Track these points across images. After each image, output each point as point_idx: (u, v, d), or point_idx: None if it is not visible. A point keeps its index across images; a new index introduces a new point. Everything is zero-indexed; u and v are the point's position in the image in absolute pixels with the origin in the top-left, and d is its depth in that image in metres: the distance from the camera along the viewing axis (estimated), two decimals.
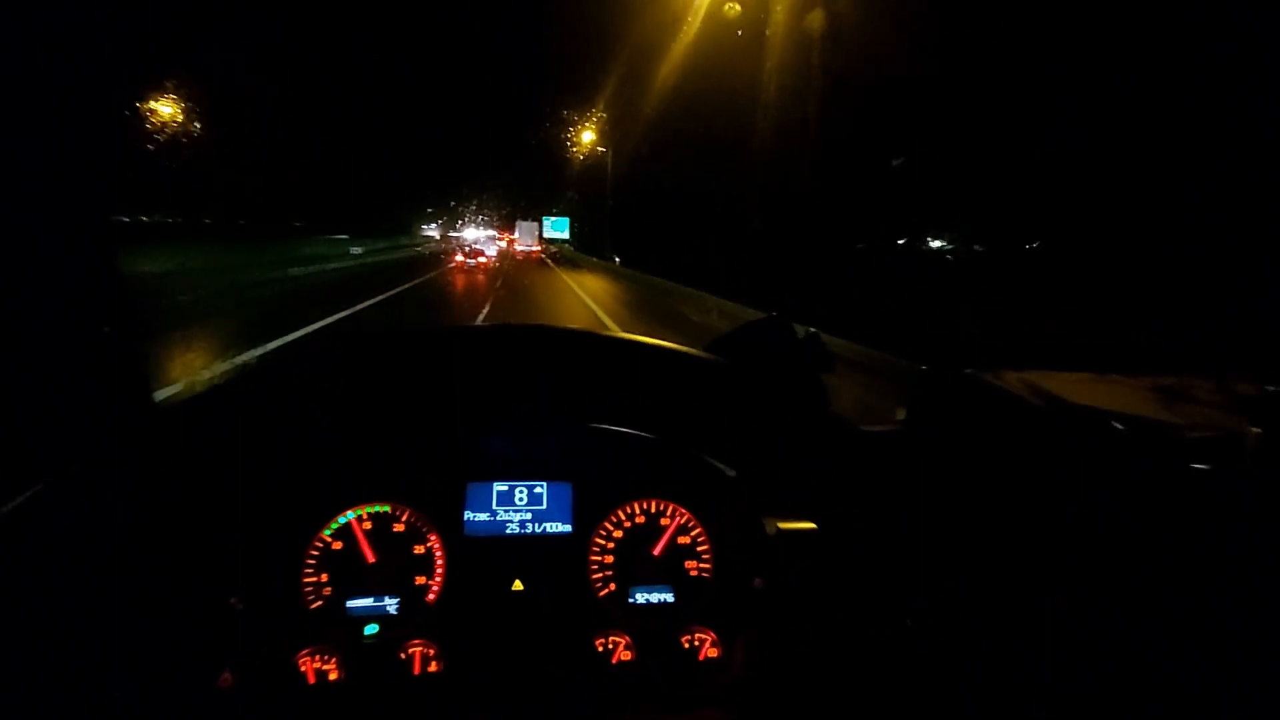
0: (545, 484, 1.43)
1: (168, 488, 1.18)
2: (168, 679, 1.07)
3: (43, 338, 1.11)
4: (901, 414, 1.52)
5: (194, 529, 1.18)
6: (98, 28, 1.07)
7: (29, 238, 1.06)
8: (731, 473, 1.45)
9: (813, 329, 1.36)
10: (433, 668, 1.27)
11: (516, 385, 1.49)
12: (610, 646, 1.34)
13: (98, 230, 1.16)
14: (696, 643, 1.37)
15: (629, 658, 1.34)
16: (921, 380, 1.51)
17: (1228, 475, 1.33)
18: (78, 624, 1.03)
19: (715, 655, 1.37)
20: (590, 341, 1.46)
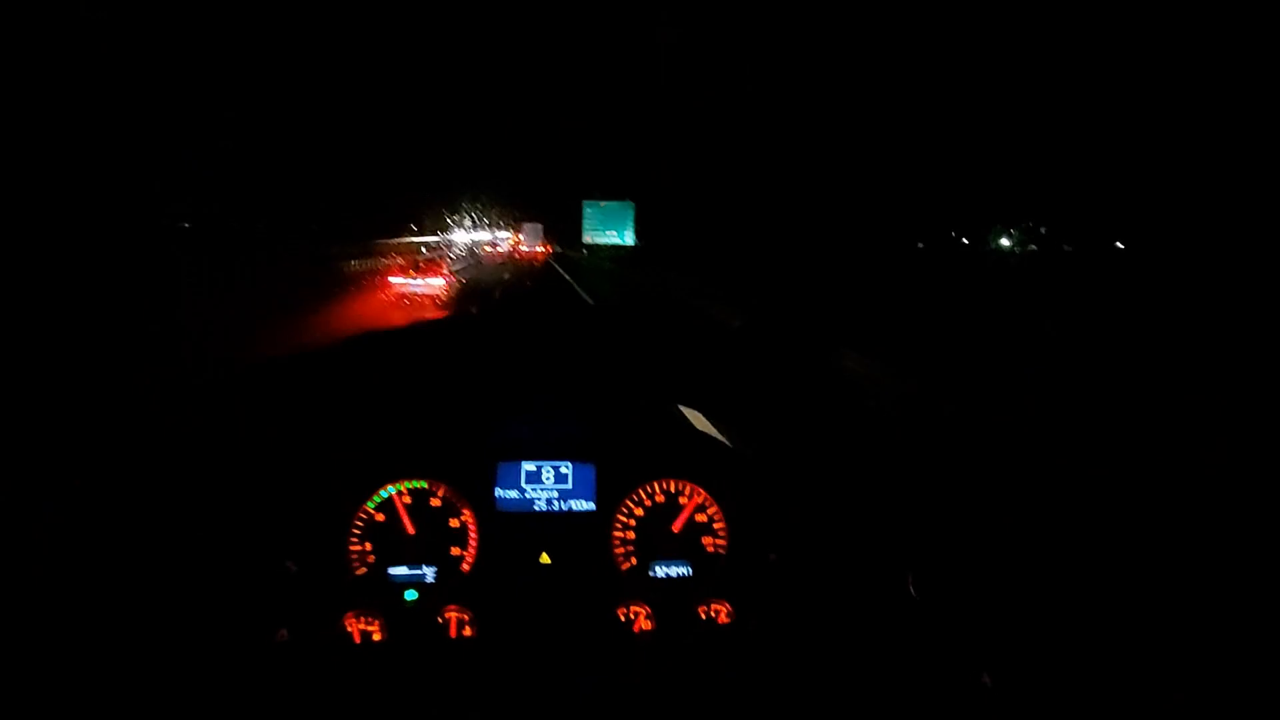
0: (571, 464, 1.52)
1: (227, 462, 1.29)
2: (231, 632, 1.18)
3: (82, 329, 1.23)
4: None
5: (253, 499, 1.29)
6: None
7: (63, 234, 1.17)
8: (748, 453, 1.53)
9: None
10: (467, 632, 1.36)
11: (543, 370, 1.59)
12: (631, 616, 1.43)
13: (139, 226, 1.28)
14: (713, 613, 1.45)
15: (649, 627, 1.43)
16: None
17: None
18: (150, 579, 1.14)
19: (730, 625, 1.45)
20: (611, 323, 1.56)
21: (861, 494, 1.43)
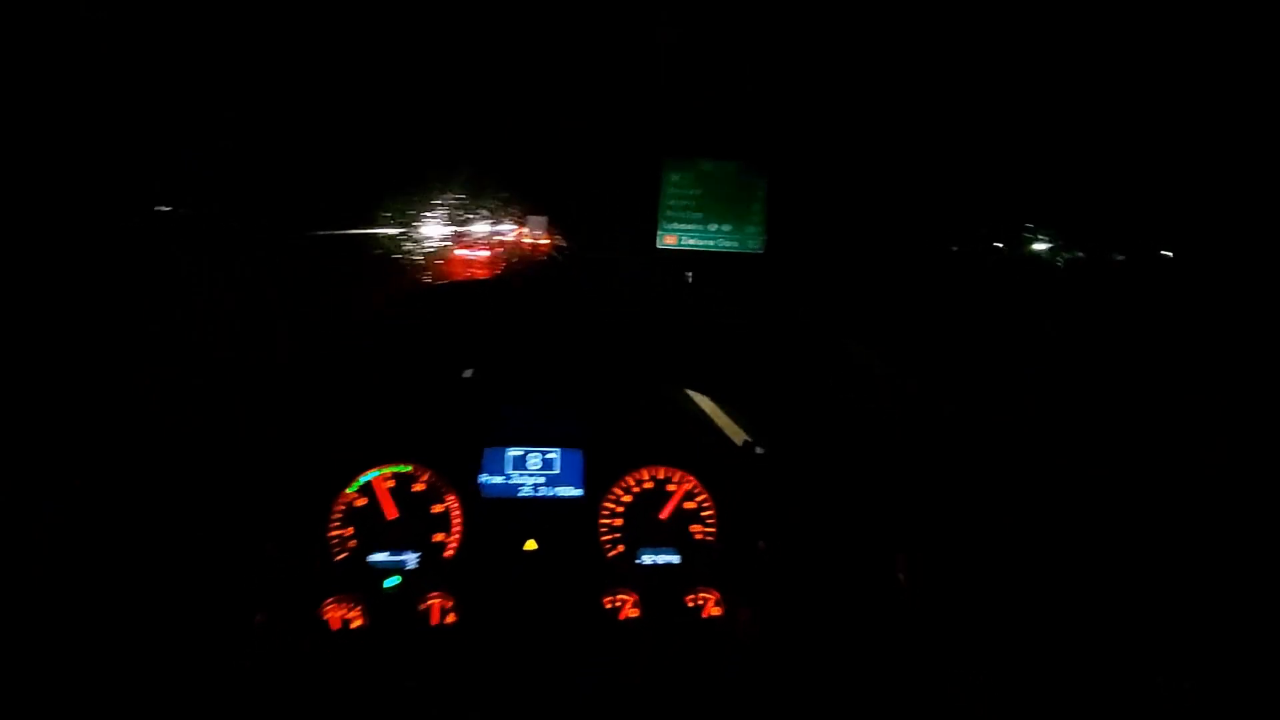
0: (558, 450, 1.50)
1: (208, 445, 1.26)
2: (208, 615, 1.14)
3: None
4: None
5: (235, 482, 1.25)
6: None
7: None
8: (738, 441, 1.52)
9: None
10: (449, 619, 1.33)
11: (532, 354, 1.57)
12: (618, 605, 1.40)
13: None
14: (700, 602, 1.43)
15: (635, 615, 1.40)
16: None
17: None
18: (125, 562, 1.10)
19: (718, 614, 1.43)
20: (602, 308, 1.54)
21: (858, 488, 1.43)
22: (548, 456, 1.49)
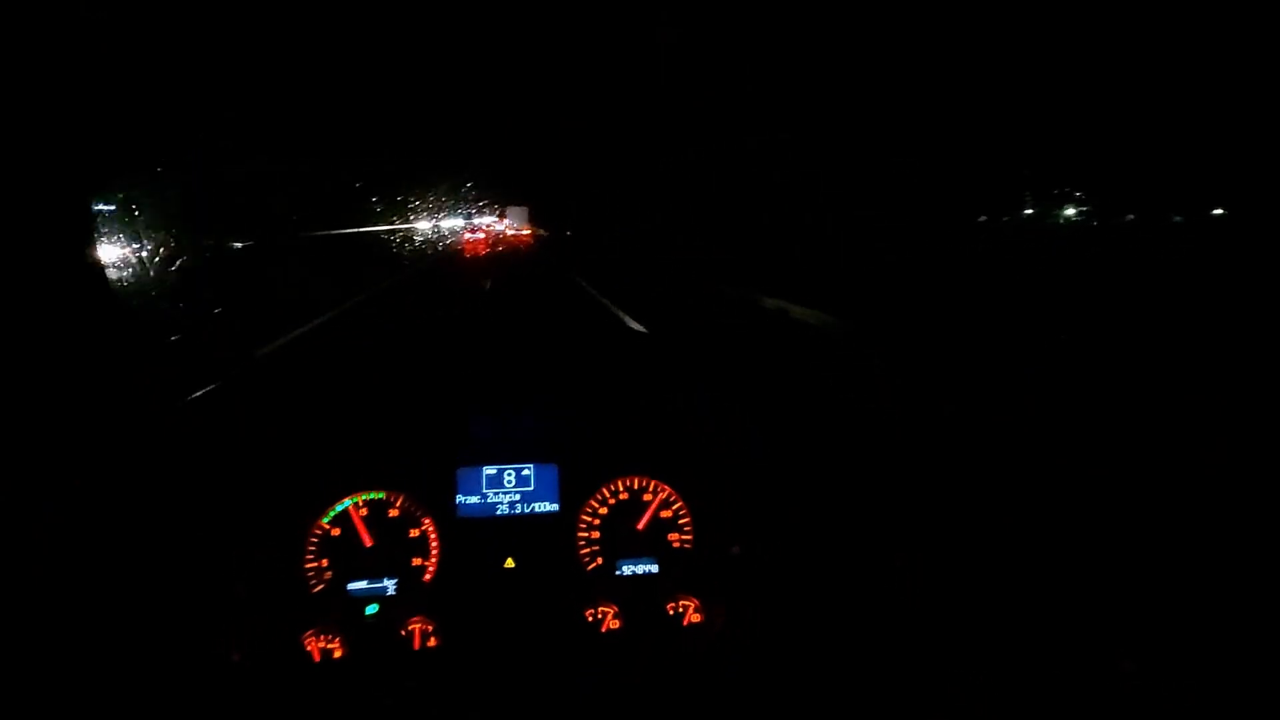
0: (533, 466, 1.48)
1: (172, 480, 1.27)
2: (180, 660, 1.17)
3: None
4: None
5: (198, 520, 1.27)
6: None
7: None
8: (708, 448, 1.48)
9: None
10: (431, 643, 1.35)
11: (502, 372, 1.54)
12: (599, 617, 1.41)
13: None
14: (680, 609, 1.43)
15: (617, 626, 1.40)
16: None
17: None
18: (91, 612, 1.13)
19: (698, 620, 1.42)
20: (573, 326, 1.50)
21: (856, 488, 1.39)
22: (522, 473, 1.48)
